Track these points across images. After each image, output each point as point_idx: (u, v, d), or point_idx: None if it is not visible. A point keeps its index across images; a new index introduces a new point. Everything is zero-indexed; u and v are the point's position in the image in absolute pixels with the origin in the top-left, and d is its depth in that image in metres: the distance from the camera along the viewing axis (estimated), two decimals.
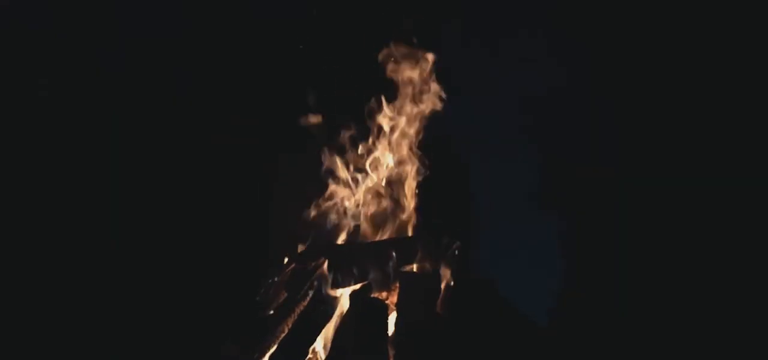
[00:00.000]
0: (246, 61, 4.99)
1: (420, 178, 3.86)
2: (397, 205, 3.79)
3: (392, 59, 4.02)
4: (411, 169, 3.86)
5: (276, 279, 3.61)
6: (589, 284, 4.63)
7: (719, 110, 4.60)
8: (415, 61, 4.00)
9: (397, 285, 3.48)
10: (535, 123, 4.68)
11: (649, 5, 4.73)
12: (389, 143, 3.90)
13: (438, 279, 3.49)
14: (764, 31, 4.52)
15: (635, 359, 4.23)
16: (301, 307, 3.41)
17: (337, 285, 3.47)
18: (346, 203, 3.82)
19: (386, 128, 3.93)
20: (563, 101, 4.72)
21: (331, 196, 3.83)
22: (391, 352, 3.23)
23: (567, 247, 4.65)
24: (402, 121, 3.92)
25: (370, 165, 3.89)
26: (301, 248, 3.73)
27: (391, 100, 3.97)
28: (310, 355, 3.34)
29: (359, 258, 3.51)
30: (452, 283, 3.53)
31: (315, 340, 3.35)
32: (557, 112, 4.74)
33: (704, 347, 4.22)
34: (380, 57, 4.05)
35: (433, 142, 4.02)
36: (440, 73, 4.04)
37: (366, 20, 4.68)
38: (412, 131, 3.91)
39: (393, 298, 3.46)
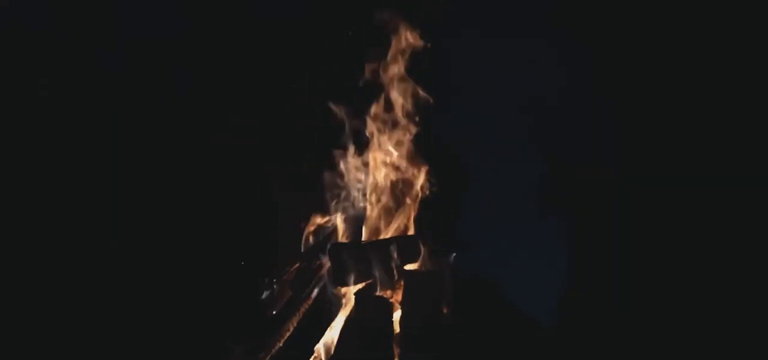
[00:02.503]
0: (246, 61, 4.99)
1: (422, 177, 3.86)
2: (401, 203, 3.79)
3: (393, 58, 4.02)
4: (413, 168, 3.87)
5: (281, 278, 3.61)
6: (589, 284, 4.64)
7: (719, 110, 4.61)
8: (416, 60, 4.00)
9: (402, 283, 3.48)
10: (536, 123, 4.69)
11: (648, 5, 4.74)
12: (391, 142, 3.91)
13: (442, 277, 3.49)
14: (764, 31, 4.53)
15: (635, 359, 4.24)
16: (306, 306, 3.42)
17: (341, 283, 3.47)
18: (350, 202, 3.82)
19: (388, 127, 3.93)
20: (563, 101, 4.72)
21: (334, 195, 3.83)
22: (396, 351, 3.23)
23: (567, 247, 4.65)
24: (403, 120, 3.92)
25: (372, 164, 3.89)
26: (305, 247, 3.73)
27: (392, 100, 3.98)
28: (315, 354, 3.34)
29: (363, 256, 3.51)
30: (456, 281, 3.53)
31: (320, 338, 3.36)
32: (557, 112, 4.75)
33: (704, 347, 4.23)
34: (381, 56, 4.05)
35: (434, 142, 4.03)
36: (440, 72, 4.05)
37: (366, 20, 4.68)
38: (413, 130, 3.92)
39: (397, 297, 3.47)
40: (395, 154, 3.92)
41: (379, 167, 3.90)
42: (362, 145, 3.97)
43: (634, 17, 4.75)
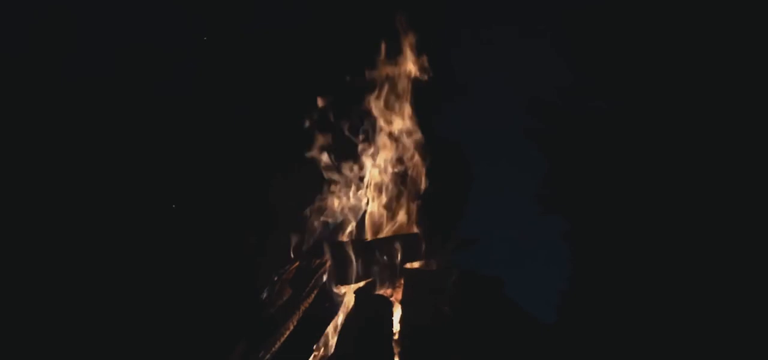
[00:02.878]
0: (246, 61, 4.99)
1: (424, 176, 3.86)
2: (402, 202, 3.79)
3: (394, 58, 4.02)
4: (415, 167, 3.86)
5: (281, 277, 3.61)
6: (589, 284, 4.63)
7: (719, 110, 4.62)
8: (418, 60, 4.00)
9: (402, 282, 3.47)
10: (538, 123, 4.70)
11: (650, 7, 4.74)
12: (393, 142, 3.90)
13: (443, 276, 3.49)
14: (764, 31, 4.54)
15: (636, 359, 4.23)
16: (306, 305, 3.41)
17: (341, 282, 3.47)
18: (350, 201, 3.81)
19: (390, 127, 3.93)
20: (565, 102, 4.73)
21: (335, 195, 3.83)
22: (396, 350, 3.23)
23: (568, 247, 4.65)
24: (405, 119, 3.92)
25: (373, 163, 3.89)
26: (305, 246, 3.73)
27: (393, 100, 3.97)
28: (315, 352, 3.33)
29: (364, 255, 3.51)
30: (457, 280, 3.52)
31: (320, 337, 3.35)
32: (560, 112, 4.76)
33: (704, 347, 4.22)
34: (381, 56, 4.04)
35: (437, 141, 4.02)
36: (442, 72, 4.05)
37: (367, 20, 4.68)
38: (416, 129, 3.91)
39: (398, 295, 3.46)
40: (396, 153, 3.91)
41: (380, 166, 3.90)
42: (364, 145, 3.96)
43: (634, 18, 4.75)
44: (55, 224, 4.62)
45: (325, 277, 3.49)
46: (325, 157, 3.93)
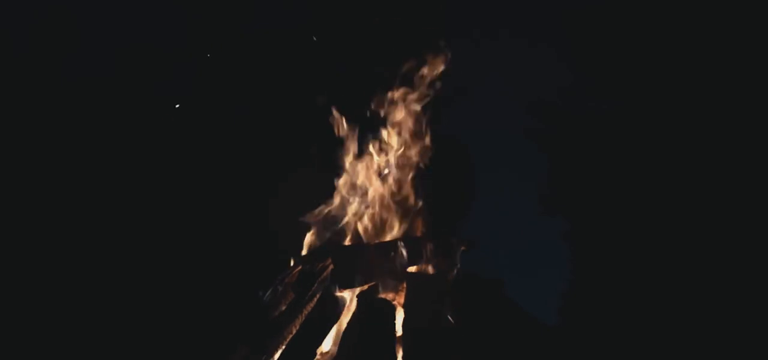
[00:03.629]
0: (247, 62, 4.99)
1: (427, 179, 3.86)
2: (404, 206, 3.79)
3: (394, 59, 4.01)
4: (418, 170, 3.86)
5: (284, 280, 3.60)
6: (590, 284, 4.65)
7: (719, 110, 4.63)
8: (421, 62, 4.00)
9: (405, 285, 3.47)
10: (538, 123, 4.71)
11: (650, 7, 4.75)
12: (396, 144, 3.90)
13: (445, 279, 3.49)
14: (764, 31, 4.54)
15: (636, 359, 4.25)
16: (309, 308, 3.40)
17: (344, 286, 3.46)
18: (353, 204, 3.81)
19: (393, 129, 3.93)
20: (565, 102, 4.74)
21: (338, 198, 3.83)
22: (399, 353, 3.23)
23: (569, 247, 4.67)
24: (408, 122, 3.92)
25: (376, 166, 3.89)
26: (308, 249, 3.73)
27: (394, 101, 3.97)
28: (318, 357, 3.33)
29: (366, 259, 3.51)
30: (459, 283, 3.53)
31: (323, 341, 3.35)
32: (560, 112, 4.77)
33: (704, 347, 4.24)
34: (386, 59, 4.04)
35: (439, 143, 4.03)
36: (446, 74, 4.05)
37: (371, 22, 4.68)
38: (419, 132, 3.91)
39: (400, 299, 3.46)
40: (398, 155, 3.91)
41: (382, 169, 3.90)
42: (366, 148, 3.96)
43: (634, 18, 4.76)
44: (55, 223, 4.63)
45: (327, 281, 3.48)
46: (326, 159, 3.93)
